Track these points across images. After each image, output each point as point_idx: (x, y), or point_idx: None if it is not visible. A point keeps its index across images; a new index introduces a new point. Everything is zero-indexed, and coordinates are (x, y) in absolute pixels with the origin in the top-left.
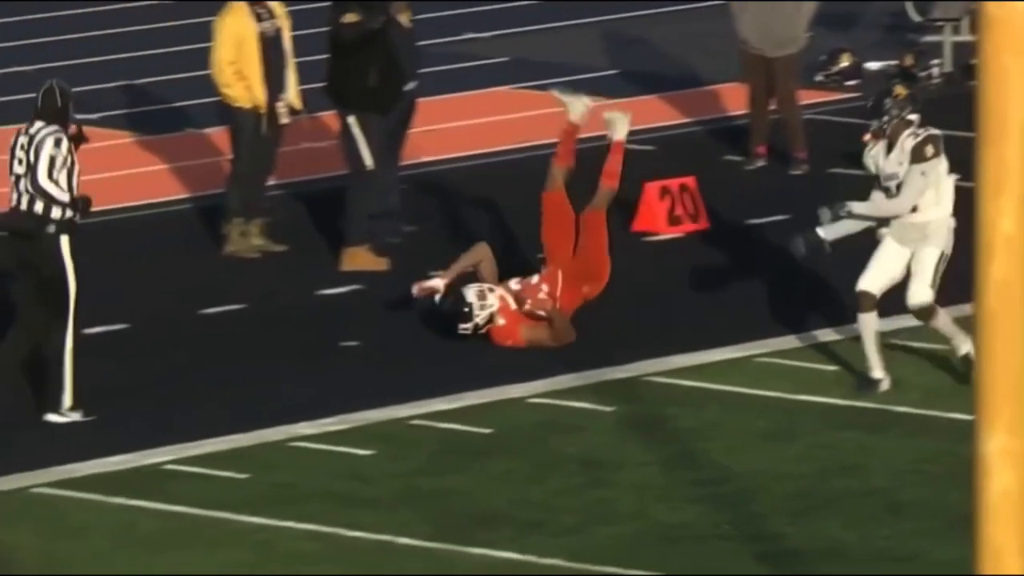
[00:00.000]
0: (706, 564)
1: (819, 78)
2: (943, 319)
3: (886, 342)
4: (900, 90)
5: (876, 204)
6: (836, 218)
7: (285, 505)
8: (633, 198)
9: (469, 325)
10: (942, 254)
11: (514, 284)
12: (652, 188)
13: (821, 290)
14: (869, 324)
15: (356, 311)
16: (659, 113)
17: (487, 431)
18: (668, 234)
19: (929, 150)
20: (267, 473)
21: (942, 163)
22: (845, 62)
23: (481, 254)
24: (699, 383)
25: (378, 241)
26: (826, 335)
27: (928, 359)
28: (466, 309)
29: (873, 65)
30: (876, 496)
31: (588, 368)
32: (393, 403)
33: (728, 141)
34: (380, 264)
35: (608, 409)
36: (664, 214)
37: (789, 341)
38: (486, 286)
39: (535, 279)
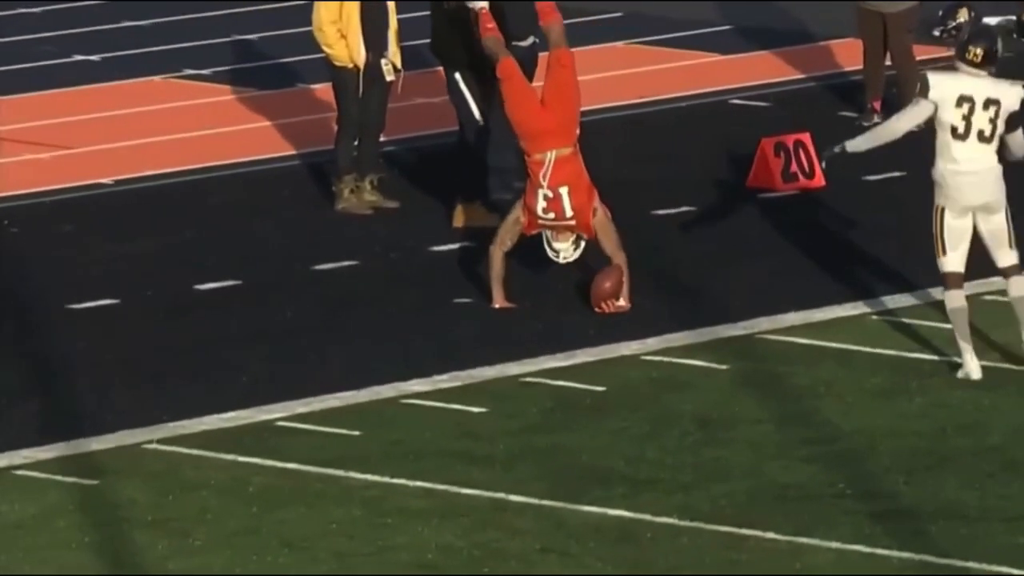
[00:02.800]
0: (820, 523)
1: (936, 33)
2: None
3: (997, 297)
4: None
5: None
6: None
7: (397, 462)
8: (748, 154)
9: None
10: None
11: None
12: (767, 144)
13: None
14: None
15: (469, 268)
16: (773, 69)
17: (600, 388)
18: (783, 191)
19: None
20: (379, 430)
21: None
22: (962, 17)
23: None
24: (813, 341)
25: (492, 197)
26: (942, 293)
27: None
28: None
29: (991, 20)
30: (993, 454)
31: (702, 325)
32: (506, 360)
33: (843, 97)
34: (494, 220)
35: (722, 367)
36: (779, 171)
37: (905, 299)
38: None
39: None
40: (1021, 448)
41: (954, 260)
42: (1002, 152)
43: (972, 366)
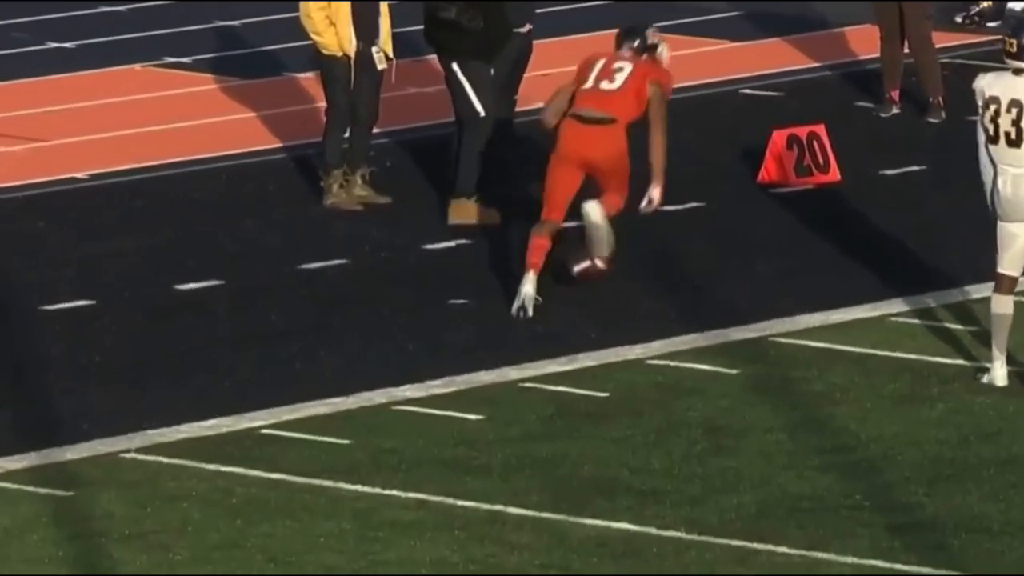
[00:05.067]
0: (836, 537)
1: (958, 19)
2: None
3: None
4: None
5: None
6: None
7: (389, 472)
8: (759, 147)
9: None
10: None
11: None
12: (779, 136)
13: (961, 245)
14: None
15: (465, 267)
16: (786, 57)
17: (603, 394)
18: (796, 186)
19: None
20: (370, 438)
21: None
22: (986, 2)
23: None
24: (829, 344)
25: (489, 192)
26: (964, 293)
27: None
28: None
29: (1016, 6)
30: (1018, 465)
31: (710, 328)
32: (503, 365)
33: (860, 86)
34: (491, 217)
35: (732, 371)
36: (792, 164)
37: (925, 300)
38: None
39: None
40: None
41: (1004, 261)
42: None
43: (999, 373)
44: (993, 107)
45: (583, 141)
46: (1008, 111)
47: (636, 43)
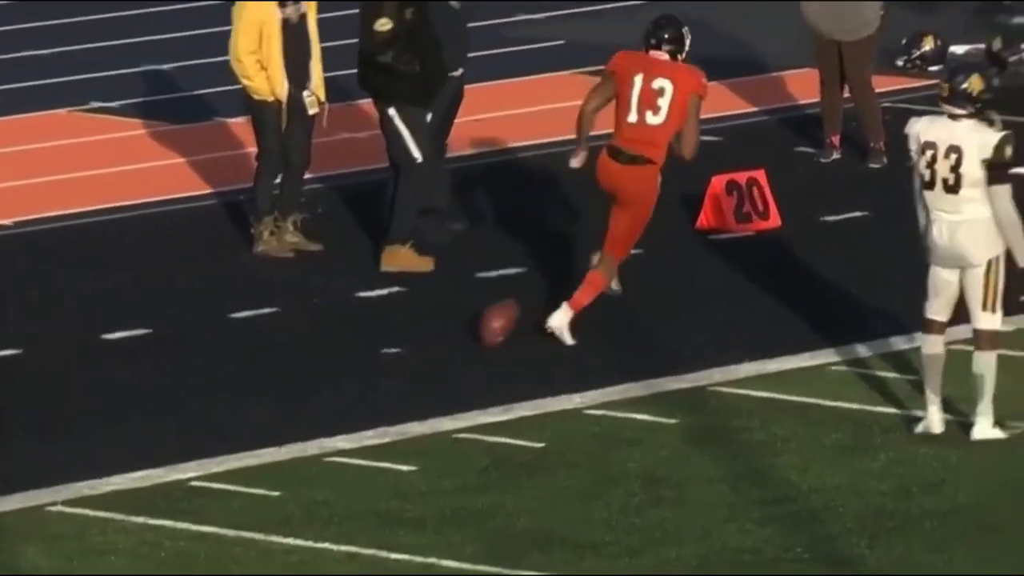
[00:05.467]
0: None
1: (899, 63)
2: None
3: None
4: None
5: None
6: None
7: (321, 525)
8: (698, 193)
9: None
10: None
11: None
12: (718, 182)
13: (903, 292)
14: None
15: (398, 315)
16: (725, 101)
17: (539, 445)
18: (736, 232)
19: None
20: (302, 490)
21: None
22: (927, 45)
23: None
24: (770, 393)
25: (423, 239)
26: (907, 341)
27: (1021, 367)
28: None
29: (958, 49)
30: (962, 516)
31: (649, 377)
32: (438, 415)
33: (800, 131)
34: (425, 264)
35: (671, 421)
36: (732, 210)
37: (867, 348)
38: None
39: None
40: (991, 509)
41: (933, 307)
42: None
43: (934, 420)
44: (930, 152)
45: (618, 177)
46: (946, 157)
47: (675, 43)
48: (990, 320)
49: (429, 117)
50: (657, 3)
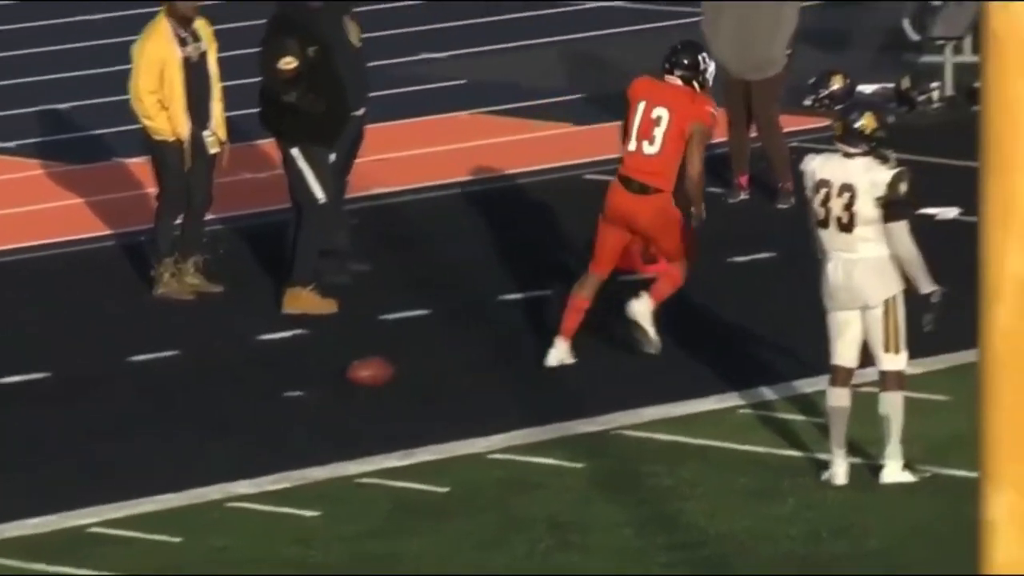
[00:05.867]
0: None
1: (808, 102)
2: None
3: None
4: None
5: None
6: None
7: (221, 572)
8: None
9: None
10: None
11: None
12: None
13: (810, 334)
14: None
15: (300, 358)
16: None
17: (443, 490)
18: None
19: None
20: (202, 536)
21: None
22: (836, 84)
23: None
24: (676, 437)
25: (325, 281)
26: (814, 384)
27: (930, 410)
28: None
29: (867, 88)
30: (873, 560)
31: (553, 421)
32: (340, 460)
33: (708, 171)
34: (327, 306)
35: (576, 465)
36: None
37: (775, 391)
38: None
39: None
40: (902, 553)
41: (837, 352)
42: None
43: (838, 471)
44: (824, 190)
45: (629, 208)
46: (840, 195)
47: (689, 69)
48: (894, 361)
49: (332, 157)
50: (561, 45)
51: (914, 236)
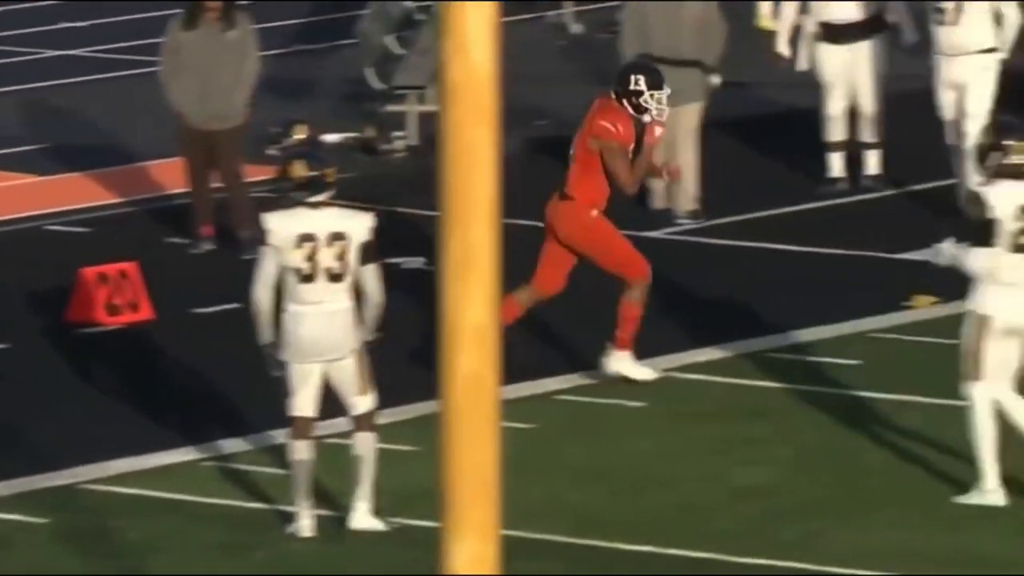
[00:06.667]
0: None
1: (272, 152)
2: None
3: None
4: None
5: None
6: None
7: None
8: (67, 286)
9: None
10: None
11: None
12: (88, 274)
13: (276, 383)
14: None
15: None
16: (92, 192)
17: None
18: (107, 325)
19: None
20: None
21: None
22: (300, 134)
23: None
24: (144, 490)
25: None
26: (281, 436)
27: (397, 460)
28: None
29: (331, 137)
30: None
31: (17, 476)
32: None
33: (170, 222)
34: None
35: (40, 521)
36: (102, 303)
37: (241, 443)
38: None
39: None
40: None
41: (298, 403)
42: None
43: (305, 524)
44: (309, 244)
45: (549, 212)
46: (329, 245)
47: (618, 86)
48: (367, 402)
49: None
50: (16, 94)
51: (383, 285)
